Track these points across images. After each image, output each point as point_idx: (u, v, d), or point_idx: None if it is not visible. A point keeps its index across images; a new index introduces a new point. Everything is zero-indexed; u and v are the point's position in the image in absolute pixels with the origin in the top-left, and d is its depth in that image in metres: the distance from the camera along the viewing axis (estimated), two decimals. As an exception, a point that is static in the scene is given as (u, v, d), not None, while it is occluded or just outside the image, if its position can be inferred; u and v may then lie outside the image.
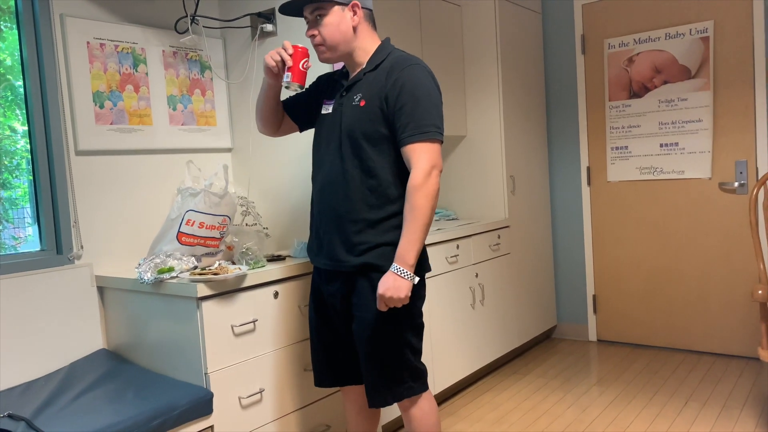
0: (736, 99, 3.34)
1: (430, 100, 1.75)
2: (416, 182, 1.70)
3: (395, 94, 1.74)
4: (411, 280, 1.71)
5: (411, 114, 1.72)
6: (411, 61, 1.78)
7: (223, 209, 2.27)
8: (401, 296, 1.70)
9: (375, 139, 1.78)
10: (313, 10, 1.83)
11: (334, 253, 1.84)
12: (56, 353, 2.21)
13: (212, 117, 2.73)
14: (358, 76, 1.84)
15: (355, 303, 1.84)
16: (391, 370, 1.82)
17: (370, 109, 1.77)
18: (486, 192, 3.51)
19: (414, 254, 1.71)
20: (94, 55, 2.33)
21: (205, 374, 1.98)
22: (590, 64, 3.79)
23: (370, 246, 1.79)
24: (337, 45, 1.83)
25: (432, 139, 1.73)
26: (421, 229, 1.70)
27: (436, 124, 1.74)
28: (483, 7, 3.43)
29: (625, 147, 3.69)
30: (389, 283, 1.70)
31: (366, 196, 1.79)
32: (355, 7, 1.82)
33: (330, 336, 1.97)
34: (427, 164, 1.71)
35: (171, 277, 2.05)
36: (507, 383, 3.26)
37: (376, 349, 1.81)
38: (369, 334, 1.80)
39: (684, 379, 3.17)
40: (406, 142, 1.73)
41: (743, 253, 3.38)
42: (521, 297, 3.60)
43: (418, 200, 1.69)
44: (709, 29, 3.38)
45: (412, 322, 1.84)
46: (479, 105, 3.50)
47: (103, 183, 2.38)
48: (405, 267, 1.70)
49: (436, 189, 1.72)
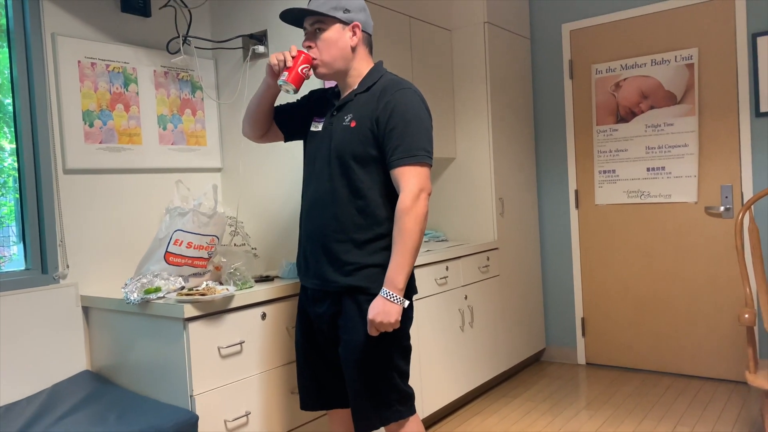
0: (721, 124, 3.39)
1: (421, 124, 1.76)
2: (405, 205, 1.70)
3: (386, 116, 1.74)
4: (401, 304, 1.70)
5: (401, 137, 1.73)
6: (403, 85, 1.80)
7: (212, 229, 2.26)
8: (391, 321, 1.69)
9: (364, 160, 1.78)
10: (313, 23, 1.83)
11: (321, 272, 1.84)
12: (38, 375, 2.17)
13: (202, 137, 2.73)
14: (350, 96, 1.85)
15: (341, 326, 1.83)
16: (378, 394, 1.80)
17: (361, 130, 1.78)
18: (475, 214, 3.52)
19: (403, 278, 1.70)
20: (85, 74, 2.33)
21: (190, 396, 1.95)
22: (578, 89, 3.84)
23: (357, 267, 1.78)
24: (332, 62, 1.83)
25: (421, 162, 1.73)
26: (410, 253, 1.70)
27: (425, 147, 1.75)
28: (473, 32, 3.48)
29: (612, 171, 3.73)
30: (379, 308, 1.69)
31: (354, 217, 1.79)
32: (355, 27, 1.83)
33: (316, 359, 1.95)
34: (415, 187, 1.71)
35: (158, 297, 2.03)
36: (496, 407, 3.24)
37: (362, 373, 1.79)
38: (356, 357, 1.79)
39: (672, 403, 3.16)
40: (396, 165, 1.73)
41: (730, 276, 3.41)
42: (510, 319, 3.60)
43: (406, 223, 1.69)
44: (693, 56, 3.44)
45: (400, 345, 1.83)
46: (468, 128, 3.53)
47: (91, 202, 2.36)
48: (394, 291, 1.69)
49: (425, 212, 1.72)
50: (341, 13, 1.81)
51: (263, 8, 2.58)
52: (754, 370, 2.35)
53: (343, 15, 1.81)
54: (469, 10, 3.49)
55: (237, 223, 2.59)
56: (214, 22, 2.77)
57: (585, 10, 3.78)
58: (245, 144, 2.68)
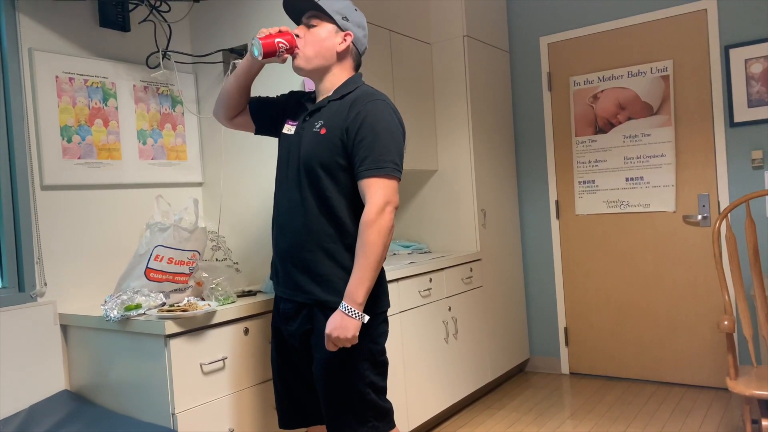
0: (697, 135, 3.45)
1: (391, 137, 1.74)
2: (369, 218, 1.67)
3: (356, 126, 1.73)
4: (359, 319, 1.67)
5: (369, 148, 1.71)
6: (375, 96, 1.79)
7: (193, 244, 2.24)
8: (348, 336, 1.65)
9: (332, 169, 1.76)
10: (310, 17, 1.85)
11: (294, 282, 1.82)
12: (15, 395, 2.13)
13: (183, 151, 2.71)
14: (323, 102, 1.84)
15: (314, 344, 1.80)
16: (353, 411, 1.77)
17: (330, 138, 1.76)
18: (457, 225, 3.54)
19: (363, 293, 1.67)
20: (63, 89, 2.31)
21: (172, 414, 1.92)
22: (557, 101, 3.89)
23: (327, 278, 1.76)
24: (312, 57, 1.83)
25: (388, 175, 1.71)
26: (371, 267, 1.67)
27: (394, 160, 1.73)
28: (452, 46, 3.51)
29: (592, 181, 3.77)
30: (336, 323, 1.66)
31: (324, 226, 1.77)
32: (347, 36, 1.84)
33: (292, 377, 1.93)
34: (381, 200, 1.68)
35: (138, 314, 2.00)
36: (481, 418, 3.23)
37: (336, 390, 1.77)
38: (328, 375, 1.76)
39: (656, 411, 3.18)
40: (363, 176, 1.71)
41: (708, 284, 3.46)
42: (494, 330, 3.60)
43: (369, 236, 1.66)
44: (668, 68, 3.51)
45: (374, 360, 1.80)
46: (450, 140, 3.55)
47: (70, 218, 2.33)
48: (353, 305, 1.66)
49: (389, 226, 1.69)
50: (339, 18, 1.83)
51: (243, 22, 2.58)
52: (734, 377, 2.37)
53: (340, 20, 1.83)
54: (448, 23, 3.52)
55: (218, 237, 2.57)
56: (194, 37, 2.77)
57: (562, 24, 3.84)
58: (226, 158, 2.67)
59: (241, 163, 2.62)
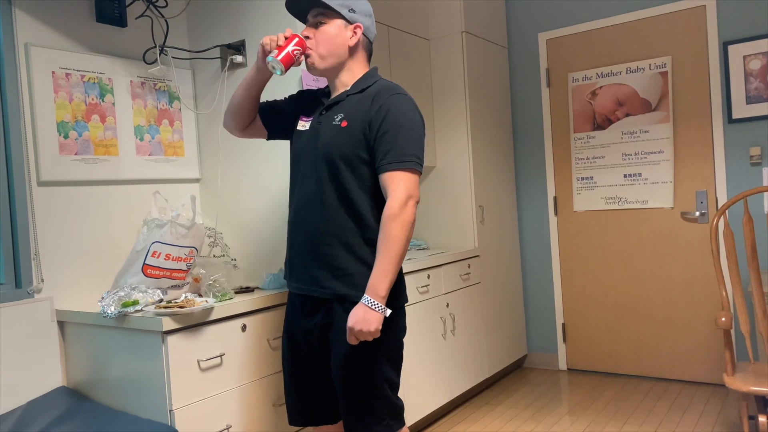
0: (695, 131, 3.45)
1: (414, 130, 1.73)
2: (392, 211, 1.66)
3: (379, 119, 1.71)
4: (382, 312, 1.66)
5: (392, 141, 1.70)
6: (398, 90, 1.77)
7: (190, 240, 2.23)
8: (371, 329, 1.64)
9: (353, 162, 1.74)
10: (316, 14, 1.81)
11: (311, 277, 1.79)
12: (12, 392, 2.12)
13: (180, 147, 2.71)
14: (341, 96, 1.82)
15: (332, 339, 1.78)
16: (370, 408, 1.75)
17: (352, 132, 1.74)
18: (456, 222, 3.53)
19: (386, 286, 1.66)
20: (60, 84, 2.30)
21: (169, 411, 1.92)
22: (555, 97, 3.88)
23: (346, 272, 1.75)
24: (326, 56, 1.80)
25: (411, 168, 1.70)
26: (394, 260, 1.66)
27: (417, 154, 1.72)
28: (451, 42, 3.51)
29: (590, 177, 3.77)
30: (359, 316, 1.64)
31: (343, 219, 1.75)
32: (357, 28, 1.81)
33: (303, 376, 1.90)
34: (404, 193, 1.68)
35: (135, 310, 2.00)
36: (478, 414, 3.24)
37: (354, 386, 1.75)
38: (347, 370, 1.75)
39: (653, 407, 3.19)
40: (385, 169, 1.70)
41: (706, 280, 3.46)
42: (492, 326, 3.61)
43: (392, 230, 1.66)
44: (667, 64, 3.51)
45: (391, 356, 1.78)
46: (448, 136, 3.54)
47: (66, 214, 2.32)
48: (376, 299, 1.65)
49: (412, 219, 1.68)
50: (346, 11, 1.79)
51: (241, 18, 2.57)
52: (731, 373, 2.38)
53: (347, 13, 1.79)
54: (446, 19, 3.51)
55: (216, 234, 2.56)
56: (192, 32, 2.76)
57: (561, 20, 3.83)
58: (224, 154, 2.66)
59: (239, 159, 2.62)
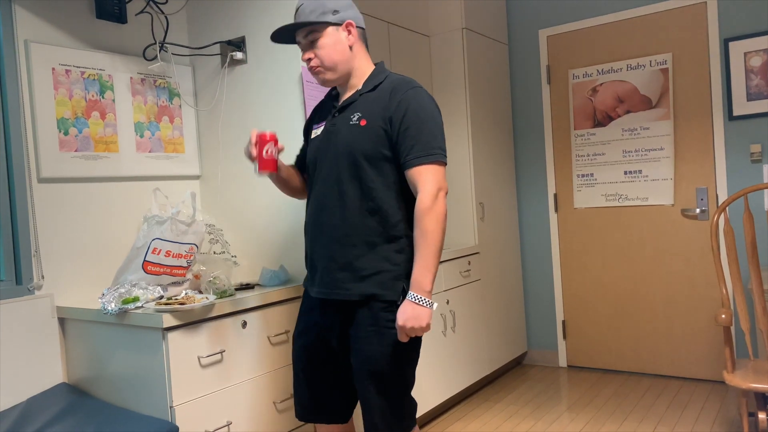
0: (696, 128, 3.45)
1: (435, 123, 1.73)
2: (425, 206, 1.65)
3: (400, 115, 1.70)
4: (430, 307, 1.64)
5: (416, 136, 1.69)
6: (413, 84, 1.76)
7: (191, 237, 2.23)
8: (422, 325, 1.63)
9: (376, 159, 1.72)
10: (306, 34, 1.78)
11: (332, 280, 1.76)
12: (13, 388, 2.13)
13: (180, 144, 2.70)
14: (354, 96, 1.79)
15: (353, 335, 1.74)
16: (391, 407, 1.74)
17: (372, 129, 1.72)
18: (456, 218, 3.53)
19: (430, 280, 1.65)
20: (60, 81, 2.30)
21: (170, 407, 1.93)
22: (555, 94, 3.88)
23: (371, 272, 1.72)
24: (336, 65, 1.78)
25: (438, 161, 1.69)
26: (434, 254, 1.65)
27: (441, 146, 1.71)
28: (451, 38, 3.50)
29: (590, 174, 3.77)
30: (408, 313, 1.63)
31: (366, 219, 1.73)
32: (349, 26, 1.78)
33: (317, 375, 1.87)
34: (434, 187, 1.67)
35: (136, 307, 2.00)
36: (478, 411, 3.24)
37: (377, 385, 1.72)
38: (369, 368, 1.71)
39: (652, 404, 3.20)
40: (412, 164, 1.69)
41: (706, 277, 3.46)
42: (492, 323, 3.61)
43: (428, 224, 1.65)
44: (667, 61, 3.50)
45: (409, 355, 1.76)
46: (448, 133, 3.54)
47: (67, 211, 2.32)
48: (422, 294, 1.63)
49: (445, 211, 1.67)
50: (331, 16, 1.76)
51: (241, 14, 2.56)
52: (731, 370, 2.38)
53: (333, 17, 1.76)
54: (447, 16, 3.51)
55: (216, 230, 2.56)
56: (192, 29, 2.75)
57: (561, 16, 3.82)
58: (224, 151, 2.66)
59: (239, 155, 2.61)
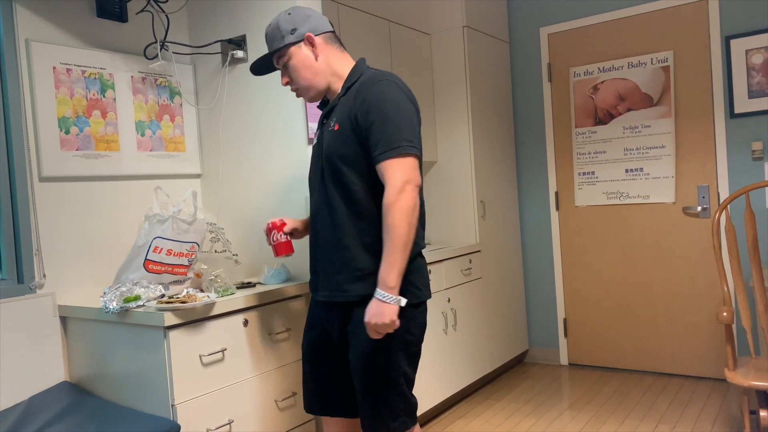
0: (697, 126, 3.44)
1: (401, 114, 1.71)
2: (389, 200, 1.65)
3: (364, 112, 1.71)
4: (396, 303, 1.64)
5: (381, 131, 1.68)
6: (379, 78, 1.76)
7: (192, 236, 2.23)
8: (386, 321, 1.63)
9: (354, 161, 1.74)
10: (278, 60, 1.86)
11: (331, 283, 1.80)
12: (14, 387, 2.13)
13: (181, 143, 2.70)
14: (334, 101, 1.83)
15: (350, 332, 1.78)
16: (387, 404, 1.75)
17: (344, 132, 1.75)
18: (457, 217, 3.53)
19: (395, 276, 1.64)
20: (60, 80, 2.30)
21: (172, 406, 1.93)
22: (556, 92, 3.87)
23: (367, 272, 1.73)
24: (311, 82, 1.83)
25: (403, 153, 1.67)
26: (399, 249, 1.63)
27: (407, 138, 1.68)
28: (452, 36, 3.50)
29: (591, 172, 3.77)
30: (373, 311, 1.64)
31: (356, 221, 1.75)
32: (309, 39, 1.81)
33: (321, 367, 1.91)
34: (398, 180, 1.65)
35: (137, 305, 2.00)
36: (480, 409, 3.24)
37: (371, 380, 1.74)
38: (364, 363, 1.74)
39: (654, 402, 3.20)
40: (378, 160, 1.68)
41: (707, 275, 3.46)
42: (493, 322, 3.61)
43: (392, 219, 1.64)
44: (669, 59, 3.49)
45: (408, 351, 1.77)
46: (449, 131, 3.54)
47: (68, 210, 2.32)
48: (386, 290, 1.63)
49: (412, 204, 1.65)
50: (290, 36, 1.81)
51: (242, 13, 2.56)
52: (732, 368, 2.38)
53: (292, 37, 1.81)
54: (448, 14, 3.50)
55: (217, 229, 2.57)
56: (192, 27, 2.75)
57: (562, 14, 3.82)
58: (225, 149, 2.66)
59: (240, 154, 2.61)
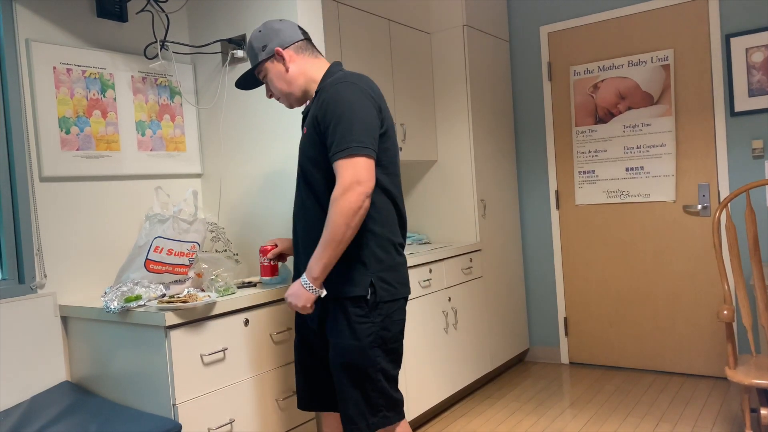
0: (697, 124, 3.44)
1: (354, 115, 1.71)
2: (333, 197, 1.69)
3: (322, 115, 1.76)
4: (314, 293, 1.75)
5: (334, 132, 1.72)
6: (340, 80, 1.79)
7: (193, 235, 2.23)
8: (299, 305, 1.76)
9: (320, 163, 1.80)
10: (257, 75, 1.96)
11: None
12: (16, 387, 2.13)
13: (182, 142, 2.70)
14: (308, 107, 1.92)
15: (328, 328, 1.84)
16: (365, 399, 1.79)
17: (309, 135, 1.83)
18: (457, 216, 3.53)
19: (320, 269, 1.71)
20: (61, 80, 2.30)
21: (173, 405, 1.93)
22: (557, 91, 3.87)
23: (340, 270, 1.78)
24: (288, 93, 1.92)
25: (353, 154, 1.68)
26: (330, 245, 1.68)
27: (358, 138, 1.69)
28: (452, 35, 3.50)
29: (592, 171, 3.77)
30: (292, 290, 1.78)
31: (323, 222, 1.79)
32: (278, 54, 1.89)
33: (311, 362, 1.98)
34: (347, 180, 1.67)
35: (138, 305, 2.00)
36: (481, 408, 3.24)
37: (348, 376, 1.79)
38: (341, 360, 1.80)
39: (655, 401, 3.20)
40: (332, 161, 1.73)
41: (708, 274, 3.46)
42: (494, 321, 3.61)
43: (332, 215, 1.68)
44: (669, 57, 3.49)
45: (386, 348, 1.81)
46: (449, 130, 3.54)
47: (69, 210, 2.32)
48: (309, 280, 1.73)
49: (355, 207, 1.66)
50: (262, 53, 1.91)
51: (241, 12, 2.56)
52: (733, 366, 2.38)
53: (264, 54, 1.91)
54: (448, 13, 3.50)
55: (218, 229, 2.57)
56: (192, 27, 2.75)
57: (562, 13, 3.81)
58: (225, 149, 2.66)
59: (240, 154, 2.62)
